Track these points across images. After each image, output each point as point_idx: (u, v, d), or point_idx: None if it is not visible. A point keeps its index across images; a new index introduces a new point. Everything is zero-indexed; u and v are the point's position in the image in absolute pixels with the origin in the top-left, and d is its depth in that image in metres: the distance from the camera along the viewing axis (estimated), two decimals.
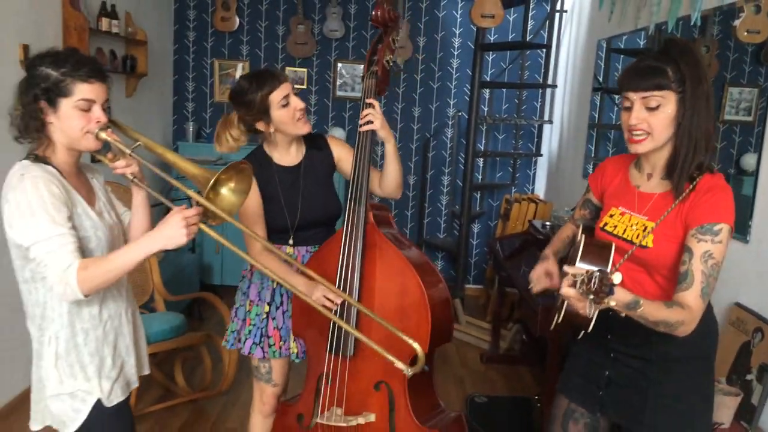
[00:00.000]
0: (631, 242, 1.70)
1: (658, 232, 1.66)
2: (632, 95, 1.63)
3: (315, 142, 2.35)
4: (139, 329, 1.94)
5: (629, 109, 1.64)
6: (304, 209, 2.26)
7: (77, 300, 1.60)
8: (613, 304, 1.37)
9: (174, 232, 1.57)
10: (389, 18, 2.22)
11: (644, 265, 1.71)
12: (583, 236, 1.68)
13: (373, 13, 2.21)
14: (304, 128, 2.21)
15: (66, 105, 1.63)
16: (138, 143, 1.75)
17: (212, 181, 1.63)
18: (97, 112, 1.66)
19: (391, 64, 2.26)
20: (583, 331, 1.67)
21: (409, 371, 1.72)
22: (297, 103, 2.17)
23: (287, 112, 2.16)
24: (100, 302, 1.75)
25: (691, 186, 1.63)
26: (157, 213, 2.09)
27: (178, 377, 3.58)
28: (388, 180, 2.25)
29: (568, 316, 1.60)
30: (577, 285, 1.36)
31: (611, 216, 1.80)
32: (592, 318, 1.50)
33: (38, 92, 1.61)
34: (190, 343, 3.45)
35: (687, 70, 1.59)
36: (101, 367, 1.75)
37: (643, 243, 1.66)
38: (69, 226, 1.60)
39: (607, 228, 1.79)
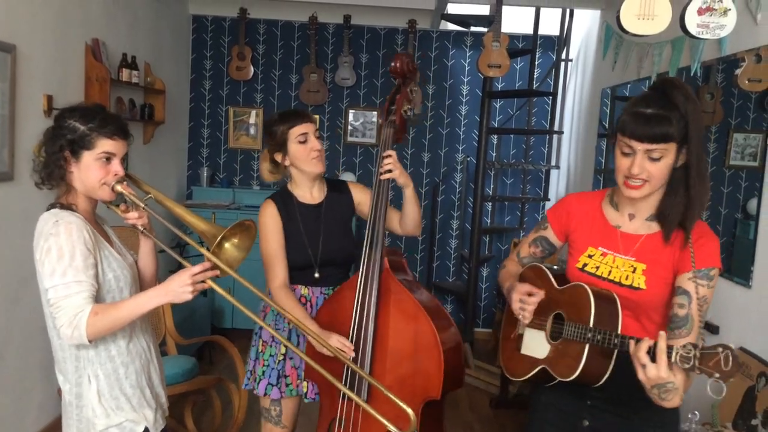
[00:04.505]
0: (618, 284, 1.68)
1: (650, 274, 1.65)
2: (636, 145, 1.57)
3: (336, 187, 2.46)
4: (162, 364, 2.01)
5: (629, 155, 1.59)
6: (324, 245, 2.34)
7: (81, 344, 1.67)
8: (731, 380, 1.35)
9: (180, 288, 1.66)
10: (407, 69, 2.32)
11: (633, 308, 1.67)
12: (590, 289, 1.64)
13: (392, 64, 2.32)
14: (317, 168, 2.32)
15: (88, 157, 1.73)
16: (149, 196, 1.85)
17: (219, 237, 1.71)
18: (115, 165, 1.76)
19: (409, 113, 2.35)
20: (556, 380, 1.66)
21: None
22: (314, 143, 2.30)
23: (303, 148, 2.29)
24: (130, 337, 1.83)
25: (686, 232, 1.62)
26: (163, 258, 2.15)
27: (188, 421, 3.58)
28: (408, 220, 2.36)
29: (584, 370, 1.58)
30: (678, 359, 1.37)
31: (590, 256, 1.74)
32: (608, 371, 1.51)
33: (64, 143, 1.71)
34: (201, 386, 3.46)
35: (690, 116, 1.55)
36: (143, 397, 1.82)
37: (635, 285, 1.65)
38: (91, 275, 1.68)
39: (587, 269, 1.73)
